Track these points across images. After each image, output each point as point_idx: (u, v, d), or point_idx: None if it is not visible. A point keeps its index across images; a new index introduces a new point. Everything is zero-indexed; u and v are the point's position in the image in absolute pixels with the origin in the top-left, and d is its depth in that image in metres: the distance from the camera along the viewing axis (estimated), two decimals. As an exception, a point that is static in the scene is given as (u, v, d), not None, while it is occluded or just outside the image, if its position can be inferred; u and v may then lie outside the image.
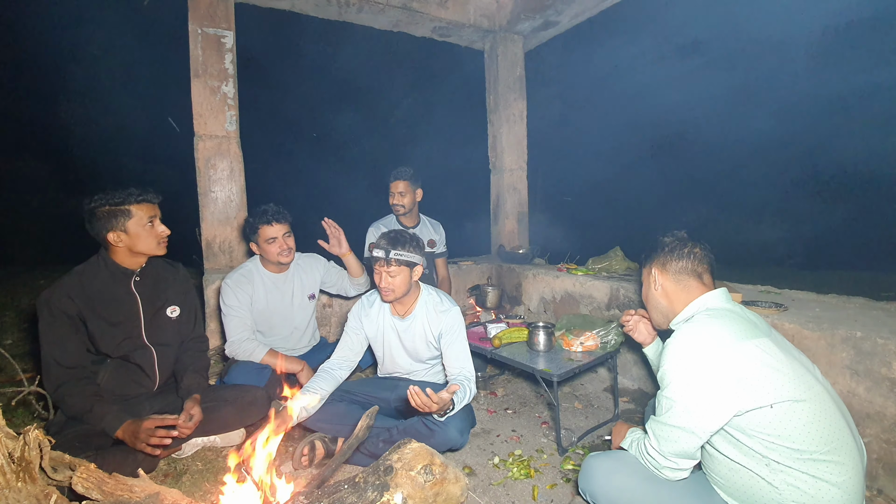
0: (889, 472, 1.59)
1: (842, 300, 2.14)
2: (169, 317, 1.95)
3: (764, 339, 1.13)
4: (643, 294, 1.46)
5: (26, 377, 2.11)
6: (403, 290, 1.92)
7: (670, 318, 1.37)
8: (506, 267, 3.71)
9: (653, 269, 1.38)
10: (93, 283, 1.76)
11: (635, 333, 1.73)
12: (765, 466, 1.10)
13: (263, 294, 2.34)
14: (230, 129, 3.02)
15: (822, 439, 1.05)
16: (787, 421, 1.06)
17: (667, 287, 1.34)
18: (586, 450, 2.05)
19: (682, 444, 1.15)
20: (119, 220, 1.72)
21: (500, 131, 4.16)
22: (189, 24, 2.90)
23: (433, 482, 1.14)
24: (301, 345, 2.51)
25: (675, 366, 1.15)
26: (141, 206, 1.76)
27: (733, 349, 1.10)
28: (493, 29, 4.00)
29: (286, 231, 2.29)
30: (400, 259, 1.84)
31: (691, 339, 1.15)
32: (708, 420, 1.11)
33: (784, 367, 1.09)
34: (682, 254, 1.33)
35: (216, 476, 1.84)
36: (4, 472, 1.05)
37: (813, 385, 1.10)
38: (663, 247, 1.37)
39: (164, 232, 1.84)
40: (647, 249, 1.43)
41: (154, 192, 1.82)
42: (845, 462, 1.06)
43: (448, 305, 2.03)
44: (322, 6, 3.40)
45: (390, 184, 3.02)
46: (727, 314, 1.19)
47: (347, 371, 2.09)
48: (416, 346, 2.06)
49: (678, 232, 1.40)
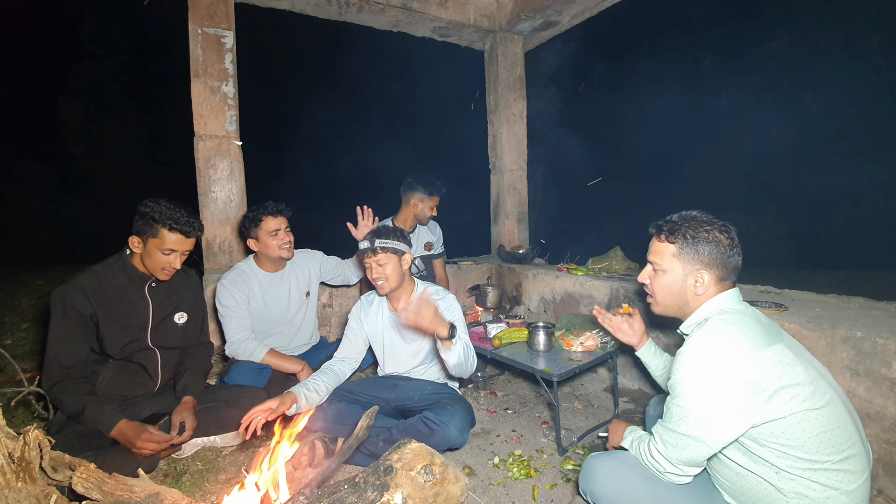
0: (889, 472, 1.59)
1: (842, 300, 2.14)
2: (176, 322, 1.96)
3: (779, 346, 1.08)
4: (664, 284, 1.28)
5: (26, 377, 2.12)
6: (396, 278, 1.93)
7: (684, 313, 1.28)
8: (506, 267, 3.71)
9: (701, 268, 1.21)
10: (109, 284, 1.77)
11: (619, 334, 1.68)
12: (774, 473, 1.08)
13: (260, 293, 2.32)
14: (230, 129, 3.02)
15: (835, 448, 1.03)
16: (801, 430, 1.03)
17: (709, 289, 1.21)
18: (586, 450, 2.05)
19: (691, 452, 1.12)
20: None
21: (500, 131, 4.16)
22: (189, 24, 2.90)
23: (433, 482, 1.14)
24: (299, 343, 2.50)
25: (689, 375, 1.10)
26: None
27: (750, 359, 1.05)
28: (493, 29, 4.00)
29: (287, 225, 2.29)
30: (385, 246, 1.88)
31: (707, 348, 1.09)
32: (722, 432, 1.07)
33: (801, 375, 1.05)
34: (736, 255, 1.20)
35: (216, 476, 1.84)
36: (4, 472, 1.05)
37: (826, 391, 1.07)
38: (717, 244, 1.19)
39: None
40: (685, 240, 1.22)
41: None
42: (855, 470, 1.05)
43: (443, 294, 2.07)
44: (322, 6, 3.40)
45: (432, 196, 2.97)
46: (741, 318, 1.13)
47: (349, 369, 2.09)
48: (417, 339, 2.07)
49: (730, 227, 1.24)
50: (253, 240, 2.27)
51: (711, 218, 1.24)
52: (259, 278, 2.34)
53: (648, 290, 1.35)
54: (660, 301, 1.31)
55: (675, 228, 1.24)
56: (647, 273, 1.34)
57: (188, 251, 1.85)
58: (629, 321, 1.69)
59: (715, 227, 1.21)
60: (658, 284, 1.29)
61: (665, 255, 1.25)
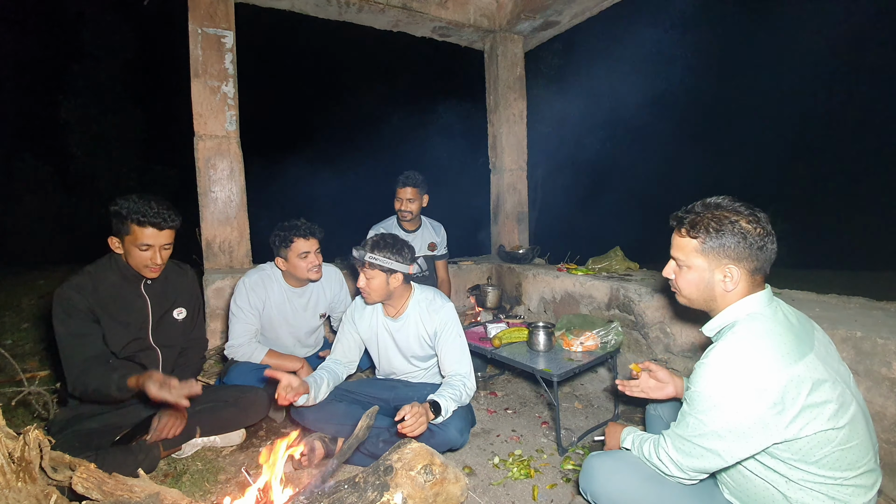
0: (889, 472, 1.59)
1: (842, 300, 2.14)
2: (175, 318, 1.96)
3: (810, 357, 1.01)
4: (689, 280, 1.17)
5: (26, 377, 2.11)
6: (380, 294, 1.89)
7: (711, 308, 1.18)
8: (506, 267, 3.71)
9: (729, 263, 1.10)
10: (104, 284, 1.77)
11: (653, 393, 1.48)
12: (784, 482, 1.06)
13: (277, 303, 2.29)
14: (230, 129, 3.02)
15: (850, 465, 1.01)
16: (820, 449, 0.99)
17: (740, 286, 1.11)
18: (586, 450, 2.05)
19: (704, 463, 1.09)
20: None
21: (500, 131, 4.16)
22: (189, 24, 2.89)
23: (433, 482, 1.14)
24: (301, 354, 2.47)
25: (711, 388, 1.02)
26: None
27: (777, 378, 0.97)
28: (493, 29, 4.00)
29: (318, 247, 2.23)
30: (373, 263, 1.82)
31: (732, 362, 1.01)
32: (740, 449, 1.03)
33: (828, 393, 0.98)
34: (770, 244, 1.09)
35: (216, 476, 1.84)
36: (4, 472, 1.04)
37: (850, 407, 1.01)
38: (744, 236, 1.07)
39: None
40: (708, 234, 1.11)
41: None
42: (867, 485, 1.03)
43: (441, 303, 2.02)
44: (322, 6, 3.39)
45: (398, 189, 2.95)
46: (771, 328, 1.05)
47: (346, 370, 2.10)
48: (411, 346, 2.05)
49: (758, 212, 1.10)
50: (281, 259, 2.21)
51: (738, 206, 1.11)
52: (281, 287, 2.30)
53: (673, 286, 1.25)
54: (685, 295, 1.21)
55: (696, 221, 1.12)
56: (670, 268, 1.24)
57: (168, 244, 1.76)
58: (653, 374, 1.50)
59: (742, 216, 1.09)
60: (683, 281, 1.19)
61: (688, 251, 1.15)
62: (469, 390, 1.88)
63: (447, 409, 1.75)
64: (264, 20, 4.64)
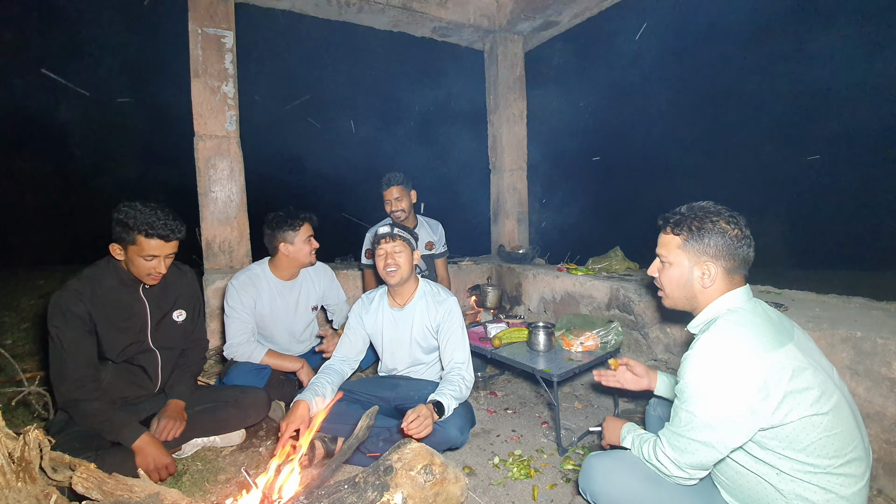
0: (889, 472, 1.59)
1: (842, 300, 2.14)
2: (175, 321, 1.95)
3: (789, 346, 1.06)
4: (671, 276, 1.26)
5: (26, 377, 2.12)
6: (408, 270, 1.99)
7: (693, 307, 1.25)
8: (506, 267, 3.71)
9: (708, 260, 1.18)
10: (103, 287, 1.75)
11: (629, 385, 1.62)
12: (775, 475, 1.08)
13: (268, 300, 2.31)
14: (230, 129, 3.02)
15: (837, 452, 1.03)
16: (805, 435, 1.03)
17: (718, 283, 1.18)
18: (586, 450, 2.05)
19: (700, 456, 1.11)
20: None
21: (500, 131, 4.16)
22: (189, 24, 2.90)
23: (433, 482, 1.14)
24: (297, 351, 2.49)
25: (697, 379, 1.08)
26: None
27: (759, 363, 1.02)
28: (493, 29, 4.00)
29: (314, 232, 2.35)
30: (403, 236, 1.98)
31: (715, 351, 1.07)
32: (731, 437, 1.06)
33: (809, 380, 1.03)
34: (746, 247, 1.16)
35: (216, 476, 1.84)
36: (4, 472, 1.05)
37: (833, 394, 1.05)
38: (723, 235, 1.16)
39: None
40: (690, 232, 1.19)
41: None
42: (856, 474, 1.05)
43: (445, 296, 2.11)
44: (322, 6, 3.40)
45: (384, 192, 2.96)
46: (750, 319, 1.11)
47: (350, 368, 2.10)
48: (415, 335, 2.08)
49: (738, 216, 1.19)
50: (288, 244, 2.25)
51: (720, 209, 1.21)
52: (270, 284, 2.33)
53: (658, 283, 1.33)
54: (668, 294, 1.29)
55: (680, 220, 1.22)
56: (655, 266, 1.32)
57: (173, 253, 1.75)
58: (630, 368, 1.64)
59: (722, 217, 1.18)
60: (666, 277, 1.27)
61: (671, 248, 1.24)
62: (468, 382, 1.92)
63: (449, 408, 1.78)
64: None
